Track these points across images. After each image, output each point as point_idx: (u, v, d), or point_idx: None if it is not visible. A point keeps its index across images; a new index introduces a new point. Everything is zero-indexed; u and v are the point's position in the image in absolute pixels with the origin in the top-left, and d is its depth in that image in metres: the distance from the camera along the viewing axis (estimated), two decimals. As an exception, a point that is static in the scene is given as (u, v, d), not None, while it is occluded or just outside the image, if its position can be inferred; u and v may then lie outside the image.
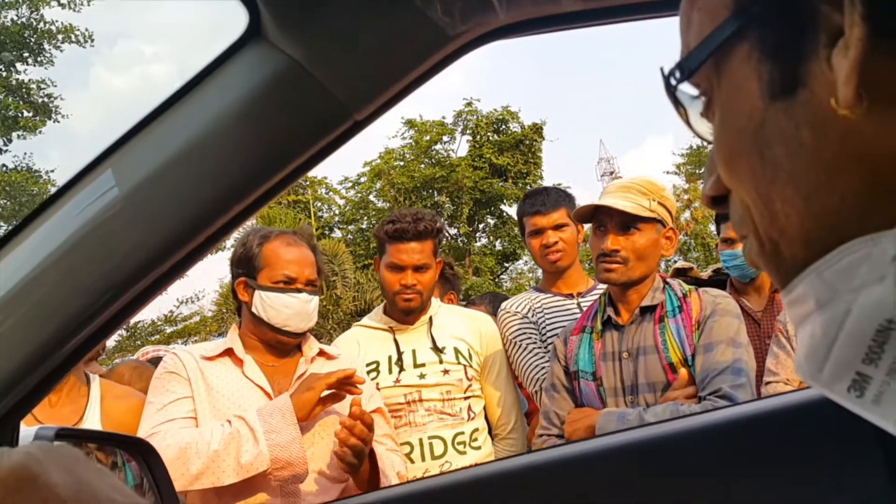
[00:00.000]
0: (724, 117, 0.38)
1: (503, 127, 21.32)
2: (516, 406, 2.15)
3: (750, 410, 0.99)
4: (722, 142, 0.38)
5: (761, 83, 0.34)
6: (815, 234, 0.34)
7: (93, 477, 0.37)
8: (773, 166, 0.34)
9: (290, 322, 1.72)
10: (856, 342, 0.31)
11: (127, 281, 0.61)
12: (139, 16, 41.17)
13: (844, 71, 0.29)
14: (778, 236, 0.36)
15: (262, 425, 1.52)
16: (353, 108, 0.57)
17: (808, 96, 0.32)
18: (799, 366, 0.36)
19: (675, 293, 1.69)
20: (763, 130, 0.35)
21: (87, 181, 0.61)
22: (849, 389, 0.32)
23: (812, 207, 0.33)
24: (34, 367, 0.61)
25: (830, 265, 0.33)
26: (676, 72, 0.40)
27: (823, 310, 0.33)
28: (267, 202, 0.63)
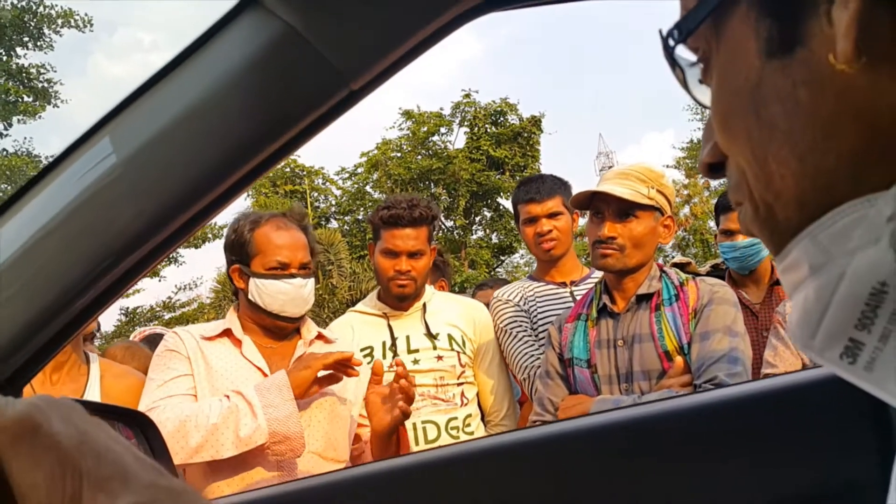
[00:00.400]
0: (721, 78, 0.37)
1: (501, 119, 21.31)
2: (509, 393, 2.17)
3: (742, 391, 1.00)
4: (719, 104, 0.38)
5: (759, 41, 0.34)
6: (810, 195, 0.33)
7: (91, 427, 0.37)
8: (769, 126, 0.34)
9: (287, 308, 1.72)
10: (849, 306, 0.31)
11: (126, 247, 0.61)
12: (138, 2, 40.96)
13: (844, 23, 0.29)
14: (773, 199, 0.35)
15: (261, 400, 1.54)
16: (350, 76, 0.57)
17: (806, 54, 0.32)
18: (792, 332, 0.36)
19: (671, 281, 1.69)
20: (760, 90, 0.34)
21: (86, 148, 0.61)
22: (841, 356, 0.32)
23: (807, 168, 0.33)
24: (35, 332, 0.62)
25: (825, 228, 0.33)
26: (675, 32, 0.39)
27: (817, 274, 0.33)
28: (263, 172, 0.63)
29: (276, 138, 0.60)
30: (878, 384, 0.31)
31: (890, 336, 0.30)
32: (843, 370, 0.32)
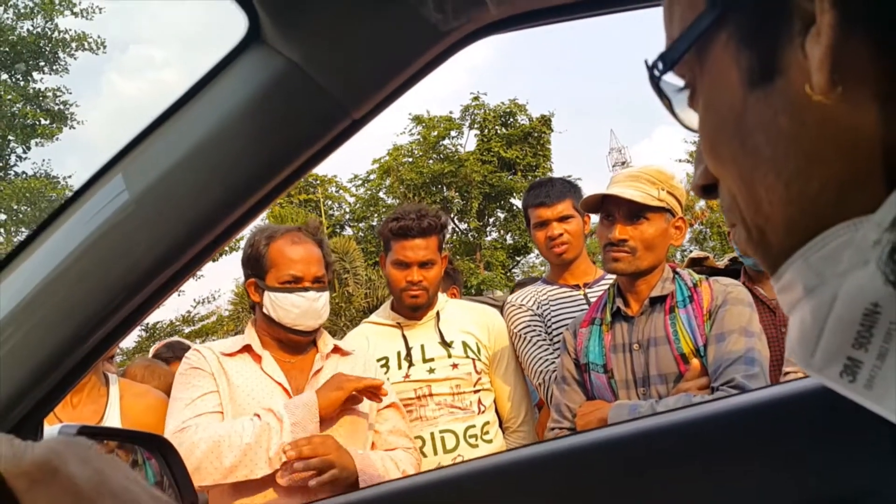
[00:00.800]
0: (707, 106, 0.38)
1: (511, 120, 21.28)
2: (526, 399, 2.16)
3: (760, 397, 0.99)
4: (706, 131, 0.39)
5: (741, 71, 0.35)
6: (798, 220, 0.34)
7: (108, 468, 0.38)
8: (754, 154, 0.35)
9: (301, 321, 1.74)
10: (844, 327, 0.31)
11: (141, 280, 0.63)
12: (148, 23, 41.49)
13: (817, 57, 0.30)
14: (763, 223, 0.36)
15: (290, 417, 1.56)
16: (351, 107, 0.58)
17: (784, 83, 0.33)
18: (792, 350, 0.36)
19: (685, 283, 1.68)
20: (744, 118, 0.35)
21: (99, 186, 0.63)
22: (841, 374, 0.32)
23: (793, 194, 0.34)
24: (55, 366, 0.64)
25: (816, 250, 0.33)
26: (659, 63, 0.40)
27: (811, 296, 0.33)
28: (272, 201, 0.65)
29: (282, 169, 0.62)
30: (878, 401, 0.31)
31: (887, 354, 0.30)
32: (843, 388, 0.33)
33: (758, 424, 0.93)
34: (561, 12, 0.61)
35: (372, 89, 0.58)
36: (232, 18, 0.59)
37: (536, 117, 20.82)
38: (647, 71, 0.41)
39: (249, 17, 0.56)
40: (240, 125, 0.59)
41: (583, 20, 0.67)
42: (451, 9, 0.56)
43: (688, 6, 0.38)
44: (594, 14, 0.64)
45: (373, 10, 0.56)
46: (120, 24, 38.41)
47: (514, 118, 21.02)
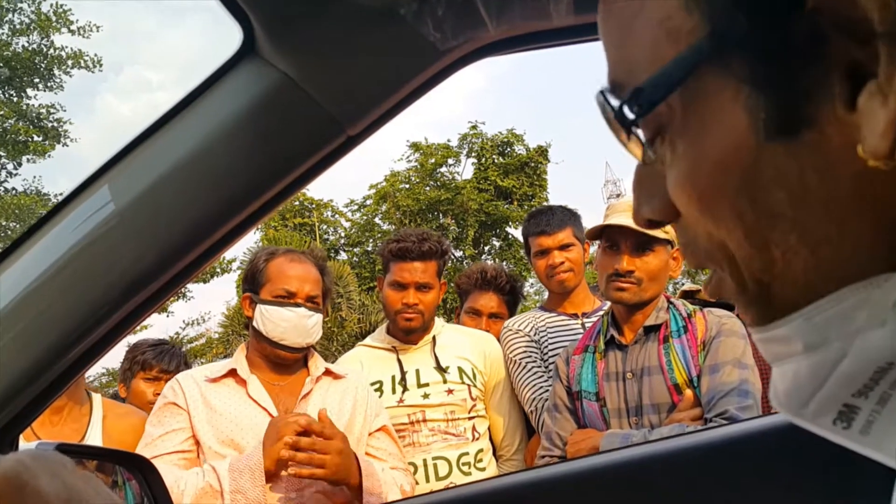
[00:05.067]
0: (694, 152, 0.33)
1: (508, 149, 21.45)
2: (521, 426, 2.14)
3: (753, 427, 0.98)
4: (692, 179, 0.33)
5: (752, 119, 0.30)
6: (821, 284, 0.31)
7: (79, 482, 0.37)
8: (770, 212, 0.31)
9: (287, 336, 1.72)
10: (850, 382, 0.30)
11: (124, 294, 0.61)
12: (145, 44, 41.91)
13: (882, 122, 0.26)
14: (769, 280, 0.33)
15: (231, 484, 1.52)
16: (346, 123, 0.58)
17: (815, 137, 0.29)
18: (777, 399, 0.34)
19: (679, 313, 1.68)
20: (756, 172, 0.31)
21: (85, 196, 0.62)
22: (834, 422, 0.31)
23: (820, 258, 0.30)
24: (32, 379, 0.62)
25: (822, 311, 0.31)
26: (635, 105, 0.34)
27: (812, 353, 0.31)
28: (263, 217, 0.64)
29: (274, 184, 0.61)
30: (874, 447, 0.30)
31: (889, 399, 0.29)
32: (834, 435, 0.31)
33: (751, 454, 0.91)
34: (560, 35, 0.60)
35: (368, 106, 0.58)
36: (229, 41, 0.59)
37: (533, 147, 21.00)
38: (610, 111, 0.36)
39: (244, 29, 0.55)
40: (231, 138, 0.58)
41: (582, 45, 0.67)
42: (450, 28, 0.56)
43: (664, 32, 0.33)
44: (594, 39, 0.64)
45: (370, 27, 0.55)
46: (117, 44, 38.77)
47: (511, 148, 21.19)
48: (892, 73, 0.26)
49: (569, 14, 0.57)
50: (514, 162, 21.06)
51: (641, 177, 0.38)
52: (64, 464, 0.38)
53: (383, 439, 1.80)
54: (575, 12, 0.58)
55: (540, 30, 0.59)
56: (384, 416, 1.84)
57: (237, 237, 0.64)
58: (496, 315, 2.43)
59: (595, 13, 0.38)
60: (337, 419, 1.72)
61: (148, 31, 39.70)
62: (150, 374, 2.36)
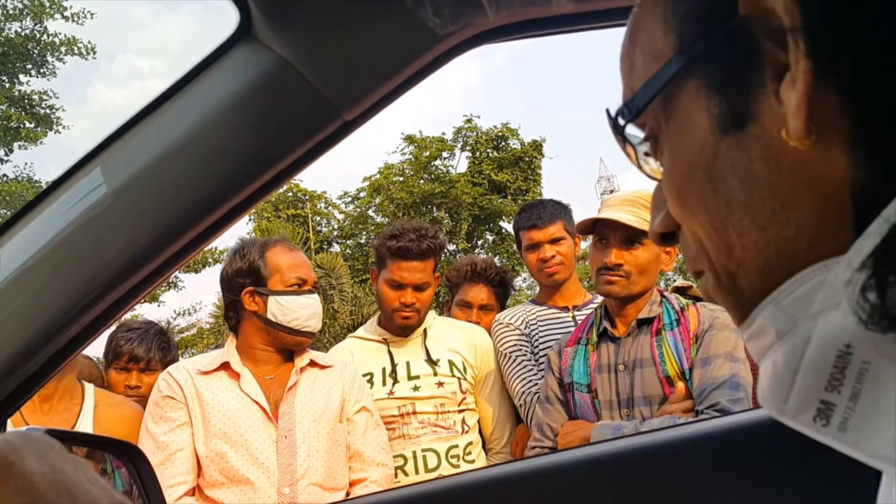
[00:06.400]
0: (673, 154, 0.38)
1: (503, 143, 21.43)
2: (511, 420, 2.14)
3: (744, 419, 0.98)
4: (672, 178, 0.39)
5: (711, 118, 0.35)
6: (774, 263, 0.34)
7: (67, 466, 0.36)
8: (727, 199, 0.35)
9: (310, 322, 1.76)
10: (817, 370, 0.31)
11: (115, 278, 0.61)
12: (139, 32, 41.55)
13: (794, 103, 0.30)
14: (735, 269, 0.36)
15: None
16: (343, 108, 0.57)
17: (758, 130, 0.33)
18: (763, 398, 0.36)
19: (672, 307, 1.69)
20: (715, 164, 0.35)
21: (77, 178, 0.61)
22: (814, 419, 0.32)
23: (769, 237, 0.34)
24: (21, 363, 0.61)
25: (787, 294, 0.33)
26: (624, 111, 0.40)
27: (784, 340, 0.33)
28: (256, 202, 0.63)
29: (269, 168, 0.60)
30: (853, 445, 0.31)
31: (860, 395, 0.30)
32: (817, 433, 0.32)
33: (742, 446, 0.92)
34: (560, 23, 0.60)
35: (365, 91, 0.57)
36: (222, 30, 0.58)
37: (528, 142, 20.98)
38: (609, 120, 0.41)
39: (241, 11, 0.54)
40: (226, 121, 0.58)
41: (580, 34, 0.67)
42: (449, 13, 0.55)
43: (651, 56, 0.39)
44: (593, 27, 0.64)
45: (369, 11, 0.55)
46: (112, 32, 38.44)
47: (505, 142, 21.16)
48: (798, 60, 0.30)
49: (569, 1, 0.57)
50: (508, 156, 21.04)
51: (655, 195, 0.43)
52: (52, 446, 0.37)
53: (361, 419, 1.81)
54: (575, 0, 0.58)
55: (539, 17, 0.58)
56: (366, 399, 1.85)
57: (231, 221, 0.63)
58: (486, 307, 2.43)
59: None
60: (325, 409, 1.73)
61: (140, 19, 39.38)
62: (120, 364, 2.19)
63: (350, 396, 1.80)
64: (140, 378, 2.20)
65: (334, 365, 1.85)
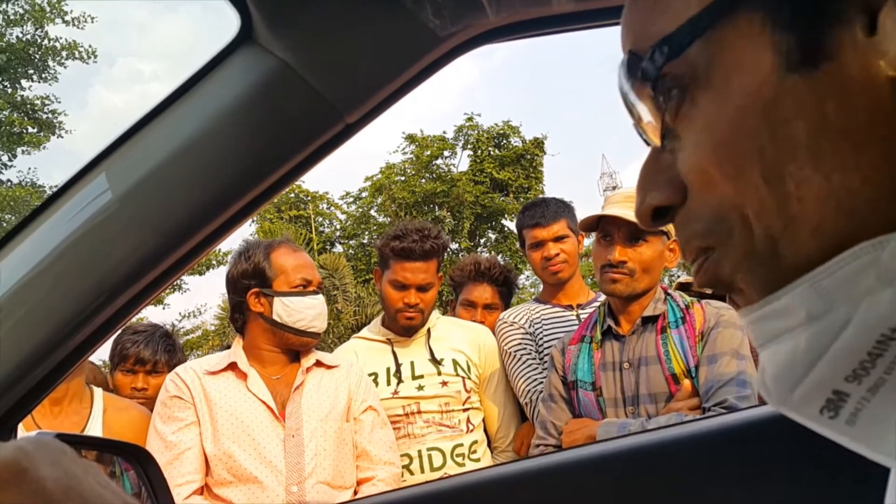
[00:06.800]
0: (720, 100, 0.34)
1: (504, 142, 21.43)
2: (515, 418, 2.14)
3: (751, 416, 0.98)
4: (715, 129, 0.34)
5: (776, 55, 0.31)
6: (831, 221, 0.31)
7: (80, 471, 0.37)
8: (788, 144, 0.31)
9: (316, 322, 1.76)
10: (849, 355, 0.29)
11: (122, 283, 0.61)
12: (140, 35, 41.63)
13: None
14: (781, 229, 0.32)
15: None
16: (344, 110, 0.57)
17: (835, 67, 0.30)
18: (764, 386, 0.33)
19: (677, 304, 1.68)
20: (777, 106, 0.31)
21: (82, 185, 0.61)
22: (821, 410, 0.30)
23: (833, 186, 0.30)
24: (31, 369, 0.62)
25: (829, 273, 0.30)
26: (659, 52, 0.35)
27: (815, 322, 0.30)
28: (260, 206, 0.64)
29: (273, 172, 0.60)
30: (859, 439, 0.29)
31: (882, 386, 0.28)
32: (819, 425, 0.30)
33: (749, 443, 0.91)
34: (560, 22, 0.60)
35: (366, 93, 0.57)
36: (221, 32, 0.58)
37: (529, 140, 20.97)
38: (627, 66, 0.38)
39: (242, 15, 0.55)
40: (229, 126, 0.58)
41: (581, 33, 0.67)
42: (449, 14, 0.55)
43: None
44: (593, 26, 0.64)
45: (369, 13, 0.55)
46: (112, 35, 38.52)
47: (507, 140, 21.16)
48: None
49: (569, 0, 0.57)
50: (510, 154, 21.03)
51: (649, 165, 0.39)
52: (64, 451, 0.37)
53: (368, 419, 1.82)
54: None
55: (540, 16, 0.59)
56: (373, 398, 1.86)
57: (235, 225, 0.63)
58: (491, 306, 2.43)
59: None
60: (332, 408, 1.74)
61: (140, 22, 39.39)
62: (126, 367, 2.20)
63: (357, 396, 1.81)
64: (146, 380, 2.21)
65: (340, 365, 1.86)
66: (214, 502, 1.60)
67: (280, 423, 1.68)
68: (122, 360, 2.20)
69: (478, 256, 2.67)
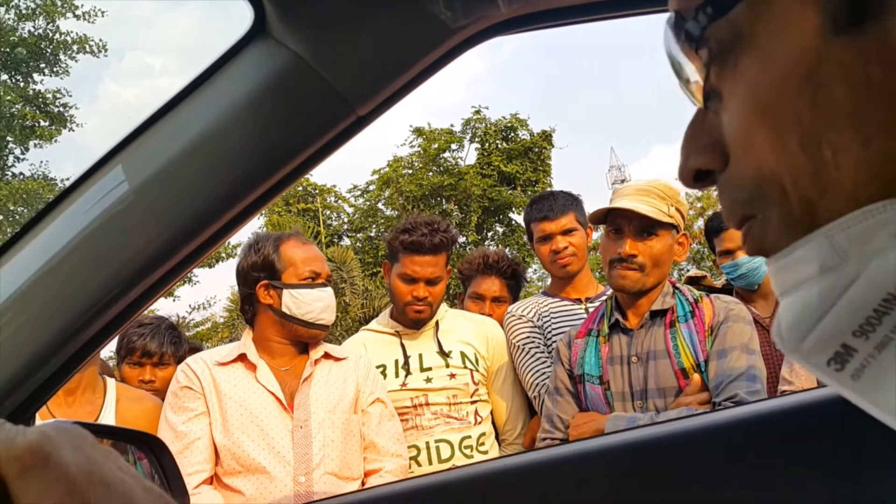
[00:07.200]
0: (762, 62, 0.34)
1: (512, 134, 21.35)
2: (524, 411, 2.15)
3: (761, 409, 0.98)
4: (757, 92, 0.34)
5: (822, 17, 0.31)
6: (864, 186, 0.30)
7: (101, 457, 0.37)
8: (830, 108, 0.31)
9: (324, 315, 1.78)
10: (854, 310, 0.29)
11: (136, 275, 0.62)
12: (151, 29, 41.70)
13: None
14: (818, 196, 0.32)
15: None
16: (356, 103, 0.58)
17: (880, 28, 0.29)
18: (778, 334, 0.34)
19: (686, 298, 1.67)
20: (820, 70, 0.31)
21: (98, 177, 0.62)
22: (829, 362, 0.30)
23: (871, 153, 0.30)
24: (48, 357, 0.63)
25: (844, 228, 0.30)
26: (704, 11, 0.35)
27: (826, 275, 0.31)
28: (273, 198, 0.64)
29: (285, 164, 0.61)
30: (862, 393, 0.30)
31: (889, 344, 0.29)
32: (826, 376, 0.31)
33: (758, 437, 0.91)
34: (573, 13, 0.60)
35: (378, 86, 0.57)
36: (230, 27, 0.59)
37: (537, 132, 20.90)
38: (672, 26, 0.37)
39: (255, 9, 0.55)
40: (242, 119, 0.58)
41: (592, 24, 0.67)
42: (461, 6, 0.55)
43: None
44: (606, 17, 0.64)
45: (381, 5, 0.55)
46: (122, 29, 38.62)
47: (515, 133, 21.09)
48: None
49: (580, -8, 0.57)
50: (517, 147, 20.96)
51: (694, 126, 0.39)
52: (85, 437, 0.38)
53: (375, 411, 1.83)
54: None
55: (552, 7, 0.59)
56: (381, 390, 1.87)
57: (248, 217, 0.64)
58: (499, 299, 2.44)
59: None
60: (340, 400, 1.75)
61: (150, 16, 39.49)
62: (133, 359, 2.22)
63: (365, 388, 1.82)
64: (153, 372, 2.23)
65: (349, 357, 1.87)
66: (223, 492, 1.62)
67: (289, 414, 1.69)
68: (129, 353, 2.22)
69: (486, 249, 2.67)
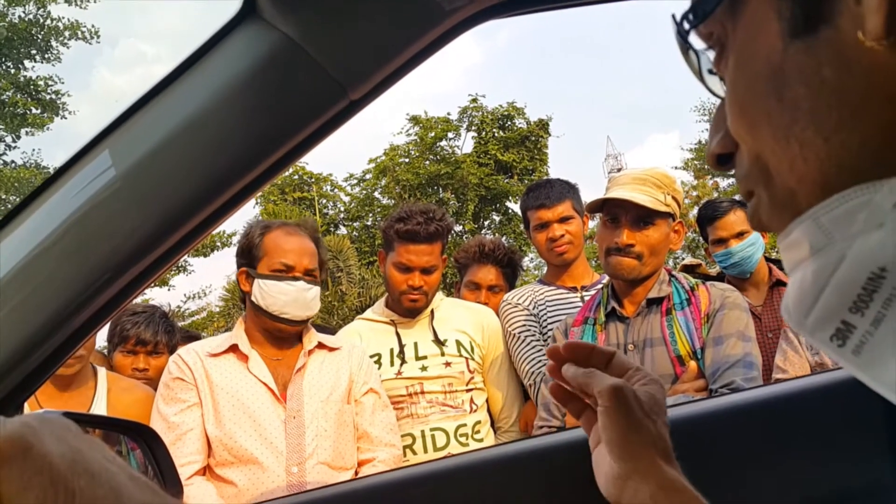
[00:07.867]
0: (739, 63, 0.37)
1: (509, 123, 21.31)
2: (519, 399, 2.15)
3: (756, 396, 0.98)
4: (736, 88, 0.37)
5: (781, 22, 0.34)
6: (834, 178, 0.33)
7: (85, 446, 0.36)
8: (792, 107, 0.33)
9: (288, 309, 1.73)
10: (845, 289, 0.31)
11: (126, 261, 0.61)
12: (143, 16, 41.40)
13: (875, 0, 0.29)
14: (795, 184, 0.35)
15: None
16: (349, 86, 0.57)
17: (831, 33, 0.31)
18: (786, 311, 0.36)
19: (681, 286, 1.68)
20: (782, 71, 0.34)
21: (85, 162, 0.61)
22: (832, 338, 0.32)
23: (833, 148, 0.32)
24: (35, 347, 0.62)
25: (828, 210, 0.33)
26: (690, 15, 0.39)
27: (817, 256, 0.33)
28: (265, 183, 0.63)
29: (276, 149, 0.60)
30: (863, 368, 0.31)
31: (883, 321, 0.30)
32: (831, 351, 0.32)
33: (753, 423, 0.91)
34: (568, -4, 0.59)
35: (371, 69, 0.56)
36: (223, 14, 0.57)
37: (534, 121, 20.85)
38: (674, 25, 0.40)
39: (246, -11, 0.54)
40: (233, 102, 0.57)
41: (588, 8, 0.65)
42: (456, -12, 0.54)
43: None
44: (602, 0, 0.63)
45: (374, -13, 0.54)
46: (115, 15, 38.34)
47: (511, 121, 21.04)
48: None
49: (578, -26, 0.56)
50: (514, 136, 20.93)
51: (716, 114, 0.42)
52: (69, 427, 0.37)
53: (369, 401, 1.82)
54: (584, -27, 0.57)
55: (548, -10, 0.57)
56: (374, 380, 1.87)
57: (239, 203, 0.63)
58: (495, 287, 2.43)
59: None
60: (333, 390, 1.74)
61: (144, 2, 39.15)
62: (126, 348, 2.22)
63: (358, 378, 1.81)
64: (147, 361, 2.22)
65: (342, 347, 1.86)
66: (216, 483, 1.62)
67: (281, 405, 1.69)
68: (123, 342, 2.21)
69: (482, 238, 2.67)
